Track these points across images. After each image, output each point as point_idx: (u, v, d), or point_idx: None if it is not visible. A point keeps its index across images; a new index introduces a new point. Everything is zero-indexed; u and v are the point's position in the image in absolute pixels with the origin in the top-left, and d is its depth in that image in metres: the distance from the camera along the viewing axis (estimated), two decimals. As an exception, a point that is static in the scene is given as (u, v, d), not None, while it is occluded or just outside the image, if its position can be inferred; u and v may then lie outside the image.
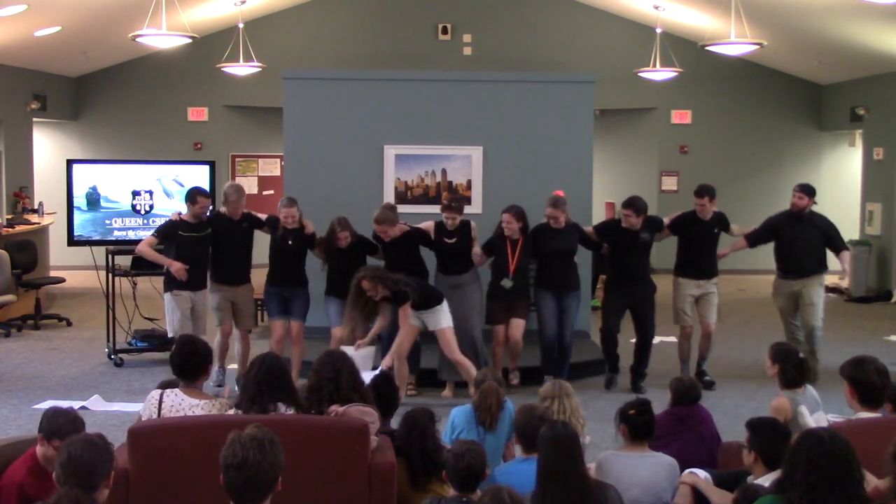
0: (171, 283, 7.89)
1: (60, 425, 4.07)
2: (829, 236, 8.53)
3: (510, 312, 8.00)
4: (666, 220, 8.42)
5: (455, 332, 7.71)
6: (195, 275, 7.90)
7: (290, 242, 7.91)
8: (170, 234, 7.90)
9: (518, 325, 8.01)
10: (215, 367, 7.75)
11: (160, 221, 8.43)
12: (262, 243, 8.28)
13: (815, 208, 8.63)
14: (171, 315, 7.92)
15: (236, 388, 7.81)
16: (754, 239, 8.61)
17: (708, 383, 8.14)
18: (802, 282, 8.41)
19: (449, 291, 7.83)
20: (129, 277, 9.18)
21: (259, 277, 8.28)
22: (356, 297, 7.23)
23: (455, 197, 8.81)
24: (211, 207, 8.11)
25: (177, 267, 7.77)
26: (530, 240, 8.02)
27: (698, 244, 8.28)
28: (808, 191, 8.48)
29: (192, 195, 7.94)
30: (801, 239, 8.40)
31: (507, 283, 7.94)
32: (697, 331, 8.44)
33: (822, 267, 8.53)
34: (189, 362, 4.82)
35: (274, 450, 3.19)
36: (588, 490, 3.68)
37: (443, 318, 7.53)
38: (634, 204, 8.00)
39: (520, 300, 8.04)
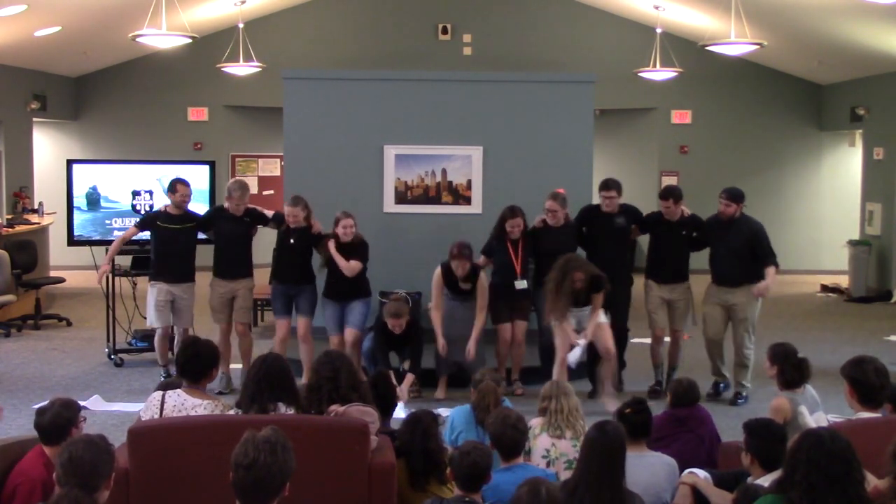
0: (151, 275, 8.20)
1: (49, 423, 4.17)
2: (752, 245, 7.83)
3: (514, 312, 8.00)
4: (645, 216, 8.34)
5: (458, 338, 7.79)
6: (174, 267, 8.11)
7: (291, 241, 7.89)
8: (149, 224, 8.16)
9: (521, 326, 8.01)
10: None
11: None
12: (265, 242, 8.25)
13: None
14: (148, 306, 8.26)
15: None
16: (691, 245, 8.22)
17: None
18: (733, 292, 7.84)
19: (452, 303, 7.88)
20: (129, 277, 9.18)
21: (261, 277, 8.27)
22: (558, 283, 7.27)
23: (464, 243, 7.84)
24: (190, 196, 8.21)
25: (100, 272, 8.26)
26: (530, 239, 8.01)
27: (666, 246, 8.06)
28: (736, 196, 7.83)
29: (172, 184, 8.16)
30: (726, 246, 7.89)
31: (521, 283, 7.90)
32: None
33: (752, 276, 7.78)
34: (189, 363, 4.83)
35: (286, 455, 3.21)
36: (620, 497, 3.68)
37: (602, 314, 7.54)
38: (607, 184, 7.98)
39: (522, 300, 8.03)
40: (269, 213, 8.23)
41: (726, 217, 7.88)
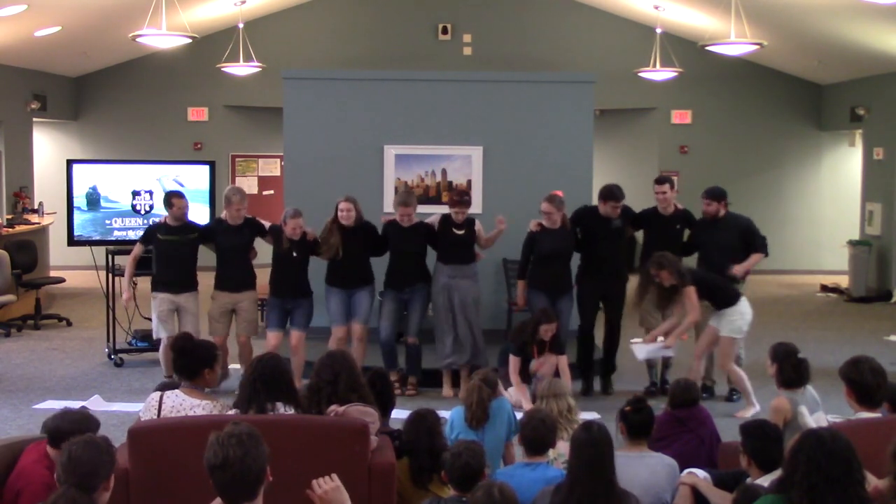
0: (153, 285, 8.16)
1: (67, 430, 4.07)
2: (745, 239, 7.98)
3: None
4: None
5: (453, 323, 7.82)
6: (176, 278, 8.07)
7: (294, 254, 7.81)
8: (149, 238, 8.14)
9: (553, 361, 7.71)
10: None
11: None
12: (265, 246, 8.22)
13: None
14: (152, 317, 8.21)
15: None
16: (684, 248, 8.24)
17: None
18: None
19: (449, 281, 7.88)
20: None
21: (262, 278, 8.24)
22: (643, 284, 7.41)
23: (464, 190, 8.91)
24: (188, 208, 8.14)
25: (126, 300, 8.22)
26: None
27: (660, 241, 8.03)
28: (716, 195, 7.96)
29: (168, 198, 8.12)
30: (716, 245, 7.94)
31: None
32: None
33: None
34: (180, 359, 4.83)
35: (253, 442, 3.13)
36: (613, 496, 3.68)
37: (725, 325, 7.39)
38: (615, 194, 7.96)
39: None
40: (266, 223, 8.15)
41: (710, 216, 8.00)
